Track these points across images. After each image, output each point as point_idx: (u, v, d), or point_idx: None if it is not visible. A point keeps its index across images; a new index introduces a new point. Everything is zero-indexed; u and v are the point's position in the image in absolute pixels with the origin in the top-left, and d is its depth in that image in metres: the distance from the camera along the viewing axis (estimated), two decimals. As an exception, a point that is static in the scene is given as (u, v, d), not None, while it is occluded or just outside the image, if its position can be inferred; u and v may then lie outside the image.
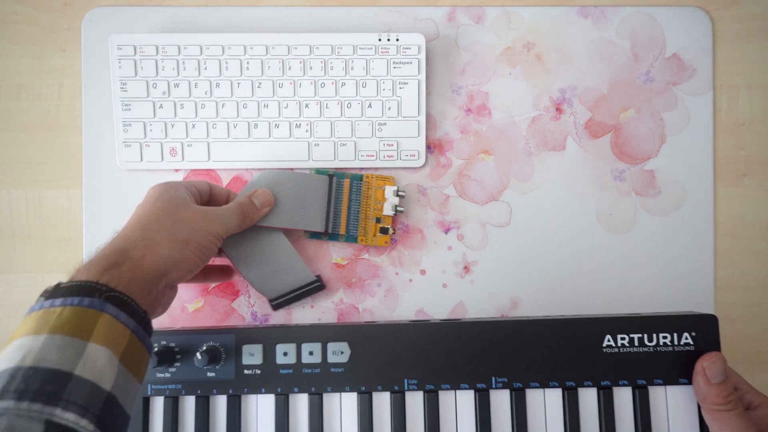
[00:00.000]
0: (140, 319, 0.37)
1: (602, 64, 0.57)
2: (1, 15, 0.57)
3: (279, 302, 0.53)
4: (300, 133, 0.55)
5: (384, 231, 0.54)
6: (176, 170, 0.57)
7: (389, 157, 0.55)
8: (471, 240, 0.57)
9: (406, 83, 0.55)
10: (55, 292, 0.36)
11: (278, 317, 0.56)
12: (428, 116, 0.57)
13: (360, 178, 0.54)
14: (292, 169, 0.57)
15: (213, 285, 0.56)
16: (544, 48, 0.57)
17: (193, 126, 0.55)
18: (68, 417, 0.31)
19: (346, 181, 0.54)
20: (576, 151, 0.57)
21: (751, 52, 0.58)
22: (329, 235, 0.54)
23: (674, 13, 0.57)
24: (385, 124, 0.55)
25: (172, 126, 0.55)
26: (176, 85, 0.55)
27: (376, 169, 0.57)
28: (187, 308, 0.56)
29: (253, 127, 0.55)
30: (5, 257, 0.57)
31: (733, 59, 0.58)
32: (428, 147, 0.57)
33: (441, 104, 0.57)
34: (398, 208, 0.54)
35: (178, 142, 0.55)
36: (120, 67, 0.55)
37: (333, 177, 0.53)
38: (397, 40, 0.55)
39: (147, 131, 0.55)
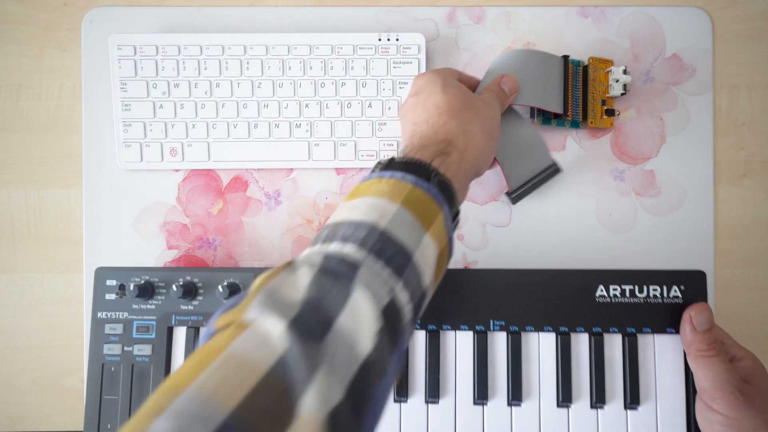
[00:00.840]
0: (454, 220, 0.36)
1: (602, 64, 0.57)
2: (1, 15, 0.57)
3: (518, 194, 0.53)
4: (300, 133, 0.55)
5: (609, 113, 0.55)
6: (176, 170, 0.57)
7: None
8: (471, 240, 0.57)
9: (406, 83, 0.55)
10: (391, 165, 0.35)
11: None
12: (428, 116, 0.57)
13: (578, 63, 0.55)
14: (291, 169, 0.57)
15: None
16: (544, 48, 0.57)
17: (193, 126, 0.55)
18: (403, 297, 0.30)
19: (570, 66, 0.54)
20: (576, 151, 0.57)
21: (751, 52, 0.58)
22: (558, 119, 0.55)
23: (674, 13, 0.57)
24: (385, 124, 0.55)
25: (172, 126, 0.55)
26: (176, 85, 0.55)
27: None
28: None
29: (253, 127, 0.55)
30: (5, 257, 0.57)
31: (733, 59, 0.58)
32: (428, 147, 0.57)
33: (441, 104, 0.57)
34: (627, 88, 0.54)
35: (178, 142, 0.55)
36: (120, 67, 0.55)
37: (567, 58, 0.54)
38: (397, 40, 0.55)
39: (147, 131, 0.55)
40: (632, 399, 0.45)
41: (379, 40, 0.55)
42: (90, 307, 0.56)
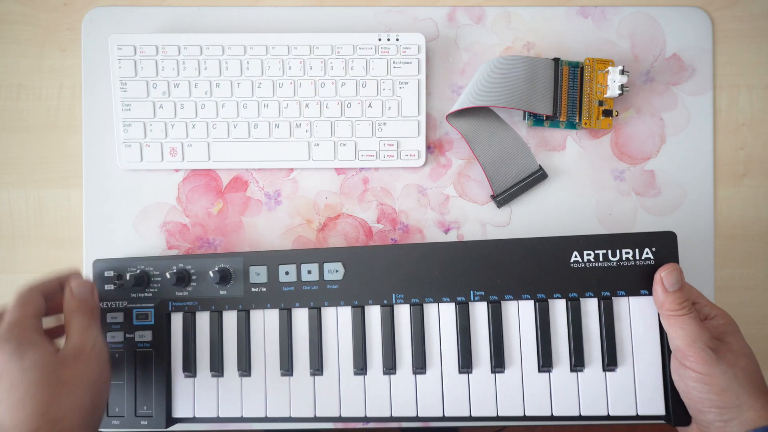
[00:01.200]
0: None
1: (602, 64, 0.57)
2: (1, 15, 0.57)
3: (502, 198, 0.55)
4: (300, 133, 0.55)
5: (607, 113, 0.55)
6: (176, 170, 0.57)
7: (389, 156, 0.55)
8: (471, 240, 0.57)
9: (406, 83, 0.55)
10: None
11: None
12: (428, 116, 0.57)
13: (576, 64, 0.55)
14: (291, 169, 0.57)
15: None
16: (544, 48, 0.57)
17: (193, 126, 0.55)
18: None
19: (565, 68, 0.55)
20: (576, 151, 0.57)
21: (751, 52, 0.58)
22: (552, 120, 0.55)
23: (674, 13, 0.57)
24: (385, 124, 0.55)
25: (172, 126, 0.55)
26: (176, 85, 0.55)
27: (376, 169, 0.57)
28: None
29: (253, 127, 0.55)
30: (5, 257, 0.57)
31: (733, 59, 0.58)
32: (428, 147, 0.57)
33: (441, 104, 0.57)
34: (625, 88, 0.54)
35: (178, 142, 0.55)
36: (120, 67, 0.55)
37: (558, 61, 0.55)
38: (397, 40, 0.55)
39: (147, 131, 0.55)
40: (609, 361, 0.47)
41: (379, 40, 0.55)
42: (90, 307, 0.56)
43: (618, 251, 0.47)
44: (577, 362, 0.47)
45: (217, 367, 0.50)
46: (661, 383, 0.47)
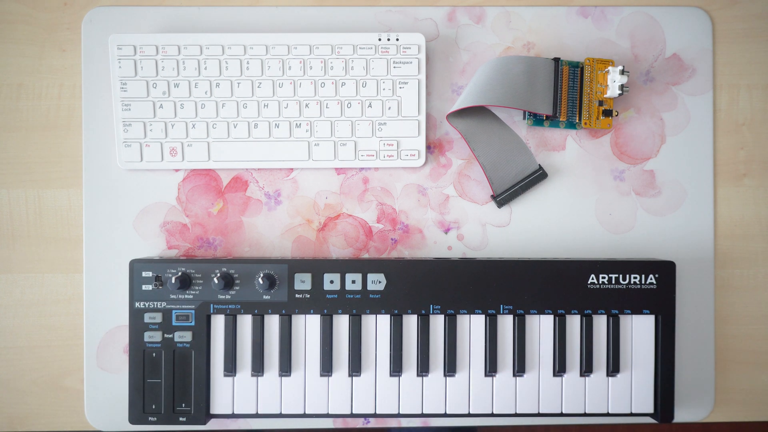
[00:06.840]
0: None
1: (602, 64, 0.57)
2: (1, 15, 0.57)
3: (503, 198, 0.56)
4: (300, 133, 0.55)
5: (607, 113, 0.55)
6: (176, 170, 0.57)
7: (389, 156, 0.55)
8: (471, 240, 0.57)
9: (406, 83, 0.55)
10: None
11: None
12: (428, 116, 0.57)
13: (576, 64, 0.56)
14: (291, 169, 0.57)
15: None
16: (544, 48, 0.57)
17: (193, 126, 0.55)
18: None
19: (565, 68, 0.55)
20: (576, 151, 0.57)
21: (751, 52, 0.58)
22: (552, 120, 0.56)
23: (674, 13, 0.57)
24: (385, 123, 0.55)
25: (172, 126, 0.55)
26: (176, 85, 0.55)
27: (376, 169, 0.57)
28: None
29: (253, 127, 0.55)
30: (5, 257, 0.57)
31: (733, 59, 0.58)
32: (428, 147, 0.57)
33: (441, 104, 0.57)
34: (625, 88, 0.54)
35: (178, 142, 0.55)
36: (120, 67, 0.55)
37: (558, 61, 0.55)
38: (397, 39, 0.55)
39: (147, 131, 0.55)
40: (614, 368, 0.53)
41: (379, 40, 0.55)
42: (88, 306, 0.56)
43: (627, 276, 0.53)
44: (587, 369, 0.53)
45: (257, 368, 0.52)
46: (652, 386, 0.53)
